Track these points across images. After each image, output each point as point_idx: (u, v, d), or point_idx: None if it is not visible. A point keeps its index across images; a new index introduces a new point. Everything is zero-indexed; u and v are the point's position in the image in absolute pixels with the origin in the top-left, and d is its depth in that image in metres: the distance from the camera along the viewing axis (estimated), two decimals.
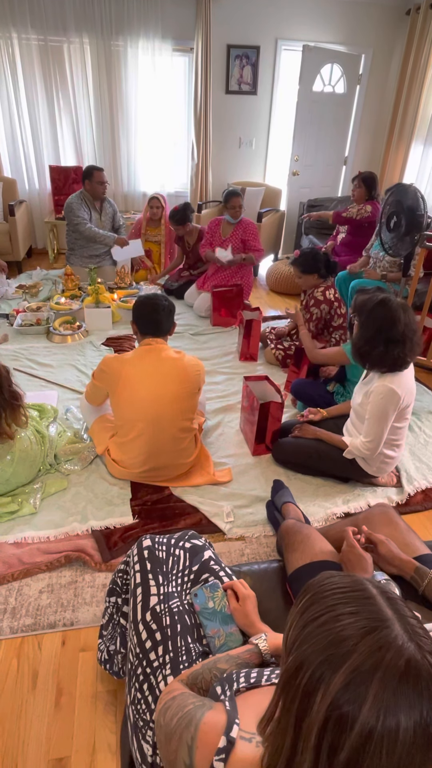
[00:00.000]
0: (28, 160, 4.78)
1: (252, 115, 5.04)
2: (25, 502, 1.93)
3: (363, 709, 0.47)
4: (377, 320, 1.78)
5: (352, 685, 0.48)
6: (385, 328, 1.77)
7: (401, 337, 1.76)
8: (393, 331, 1.76)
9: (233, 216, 3.69)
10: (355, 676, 0.48)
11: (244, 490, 2.09)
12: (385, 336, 1.77)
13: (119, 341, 3.35)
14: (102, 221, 4.06)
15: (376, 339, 1.78)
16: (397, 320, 1.76)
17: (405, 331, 1.77)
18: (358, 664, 0.49)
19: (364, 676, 0.48)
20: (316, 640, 0.52)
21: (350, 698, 0.48)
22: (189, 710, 0.72)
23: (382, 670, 0.48)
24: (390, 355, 1.78)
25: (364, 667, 0.48)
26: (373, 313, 1.80)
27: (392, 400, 1.81)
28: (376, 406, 1.83)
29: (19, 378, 2.77)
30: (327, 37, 4.82)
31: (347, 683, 0.48)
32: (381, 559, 1.25)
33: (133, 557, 1.17)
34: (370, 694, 0.47)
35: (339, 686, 0.48)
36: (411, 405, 1.91)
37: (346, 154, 5.36)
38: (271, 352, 3.14)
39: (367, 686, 0.47)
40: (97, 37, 4.40)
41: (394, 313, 1.76)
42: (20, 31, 4.28)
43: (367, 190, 3.73)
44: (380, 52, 5.00)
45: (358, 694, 0.47)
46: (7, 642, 1.48)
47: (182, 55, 4.78)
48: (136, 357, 1.96)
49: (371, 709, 0.47)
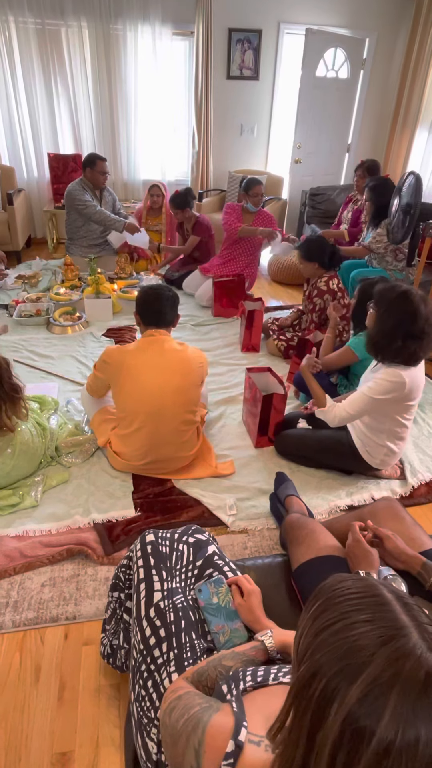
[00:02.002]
0: (26, 147, 4.70)
1: (254, 101, 4.96)
2: (27, 495, 1.92)
3: (381, 722, 0.45)
4: (398, 313, 1.69)
5: (370, 698, 0.46)
6: (406, 322, 1.68)
7: (420, 332, 1.68)
8: (414, 326, 1.68)
9: (255, 204, 3.55)
10: (372, 689, 0.46)
11: (246, 482, 2.07)
12: (405, 330, 1.68)
13: (120, 332, 3.32)
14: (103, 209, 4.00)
15: (395, 333, 1.70)
16: (419, 314, 1.67)
17: (425, 326, 1.68)
18: (375, 675, 0.47)
19: (382, 689, 0.46)
20: (330, 649, 0.50)
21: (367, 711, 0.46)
22: (196, 712, 0.70)
23: (401, 682, 0.46)
24: (406, 350, 1.70)
25: (381, 678, 0.46)
26: (394, 305, 1.70)
27: (396, 386, 1.74)
28: (378, 384, 1.76)
29: (19, 369, 2.75)
30: (330, 20, 4.72)
31: (364, 696, 0.46)
32: (387, 555, 1.24)
33: (136, 552, 1.15)
34: (389, 708, 0.45)
35: (355, 699, 0.46)
36: (417, 399, 1.86)
37: (349, 141, 5.28)
38: (274, 343, 3.11)
39: (386, 699, 0.45)
40: (95, 20, 4.31)
41: (417, 307, 1.67)
42: (17, 14, 4.18)
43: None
44: (385, 35, 4.89)
45: (376, 707, 0.45)
46: (9, 636, 1.47)
47: (182, 40, 4.68)
48: (139, 348, 1.93)
49: (390, 723, 0.44)
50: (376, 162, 3.74)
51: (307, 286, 2.95)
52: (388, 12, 4.80)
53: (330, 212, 4.57)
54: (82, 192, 3.82)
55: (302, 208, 4.89)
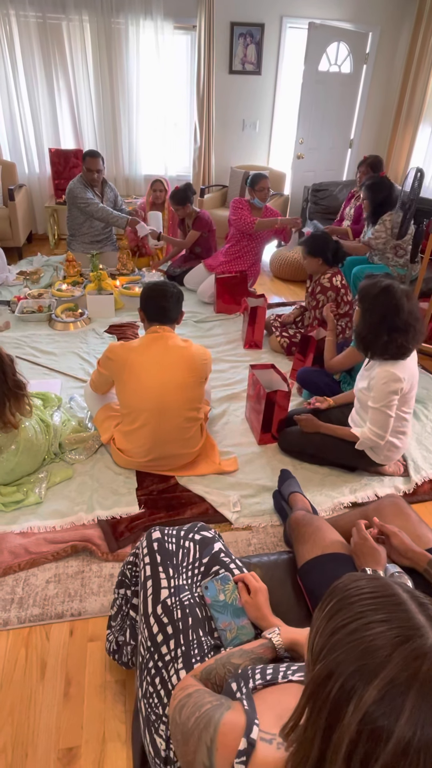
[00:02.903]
0: (27, 143, 4.68)
1: (256, 96, 4.93)
2: (31, 491, 1.92)
3: (399, 722, 0.45)
4: (381, 308, 1.75)
5: (387, 698, 0.46)
6: (389, 316, 1.74)
7: (405, 325, 1.74)
8: (397, 319, 1.73)
9: (262, 199, 3.49)
10: (390, 689, 0.46)
11: (250, 479, 2.07)
12: (389, 324, 1.74)
13: (122, 328, 3.31)
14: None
15: (380, 328, 1.75)
16: (401, 308, 1.73)
17: (408, 319, 1.74)
18: (392, 676, 0.47)
19: (400, 689, 0.46)
20: (346, 649, 0.50)
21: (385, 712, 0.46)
22: (207, 710, 0.70)
23: (418, 682, 0.46)
24: (393, 343, 1.76)
25: (399, 679, 0.46)
26: (377, 300, 1.77)
27: (395, 386, 1.79)
28: (379, 393, 1.81)
29: (22, 366, 2.74)
30: (333, 14, 4.68)
31: (381, 697, 0.46)
32: (393, 552, 1.24)
33: (143, 549, 1.15)
34: (407, 708, 0.45)
35: (373, 699, 0.46)
36: (414, 391, 1.90)
37: (352, 136, 5.25)
38: (276, 339, 3.10)
39: (404, 699, 0.45)
40: (97, 14, 4.27)
41: (399, 300, 1.73)
42: (18, 8, 4.15)
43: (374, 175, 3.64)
44: (388, 29, 4.86)
45: (394, 708, 0.45)
46: (14, 632, 1.48)
47: (184, 34, 4.65)
48: (143, 345, 1.92)
49: (408, 723, 0.45)
50: (379, 158, 3.71)
51: (310, 282, 2.95)
52: (391, 6, 4.76)
53: (332, 208, 4.55)
54: (84, 189, 3.80)
55: (304, 204, 4.87)
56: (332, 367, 2.43)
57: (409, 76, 4.74)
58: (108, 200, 4.02)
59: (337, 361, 2.39)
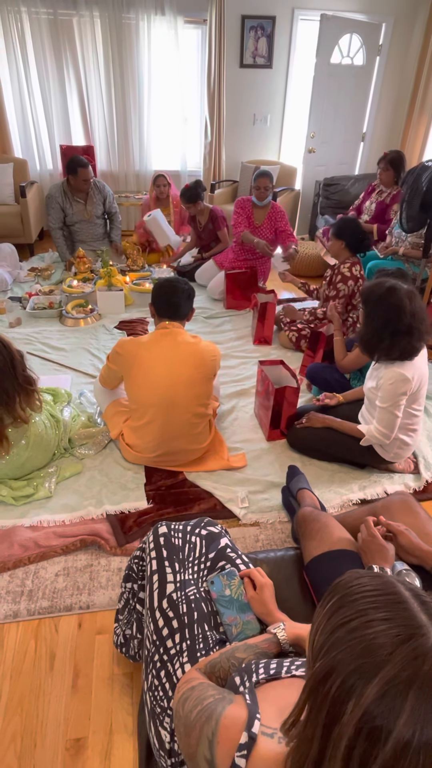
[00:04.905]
0: (39, 139, 4.71)
1: (267, 90, 4.89)
2: (41, 485, 1.94)
3: (398, 722, 0.44)
4: (383, 311, 1.73)
5: (387, 698, 0.46)
6: (392, 319, 1.71)
7: (408, 328, 1.71)
8: (400, 322, 1.71)
9: (258, 197, 3.45)
10: (389, 688, 0.46)
11: (258, 475, 2.07)
12: (392, 328, 1.72)
13: (132, 324, 3.32)
14: (88, 210, 3.91)
15: (382, 331, 1.73)
16: (403, 311, 1.70)
17: (412, 321, 1.71)
18: (393, 675, 0.46)
19: (400, 688, 0.45)
20: (347, 646, 0.49)
21: (384, 710, 0.45)
22: (209, 703, 0.71)
23: (419, 682, 0.45)
24: (397, 346, 1.74)
25: (399, 678, 0.46)
26: (379, 303, 1.74)
27: (403, 386, 1.77)
28: (387, 392, 1.79)
29: (33, 362, 2.77)
30: (346, 5, 4.62)
31: (381, 695, 0.46)
32: (401, 550, 1.23)
33: (149, 544, 1.16)
34: (407, 708, 0.45)
35: (372, 698, 0.46)
36: (424, 389, 1.88)
37: (365, 129, 5.19)
38: (285, 335, 3.09)
39: (403, 699, 0.45)
40: (108, 10, 4.27)
41: (400, 302, 1.70)
42: (30, 5, 4.17)
43: (395, 172, 3.52)
44: (402, 20, 4.78)
45: (393, 707, 0.45)
46: (24, 624, 1.50)
47: (195, 28, 4.62)
48: (152, 340, 1.93)
49: (407, 723, 0.44)
50: (400, 153, 3.57)
51: (330, 272, 2.90)
52: None
53: (344, 203, 4.50)
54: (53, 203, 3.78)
55: (315, 199, 4.83)
56: (344, 367, 2.41)
57: (424, 67, 4.67)
58: (94, 204, 3.93)
59: (350, 360, 2.37)
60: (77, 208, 3.87)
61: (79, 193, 3.84)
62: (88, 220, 3.94)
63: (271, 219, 3.52)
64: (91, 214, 3.94)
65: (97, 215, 3.98)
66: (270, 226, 3.54)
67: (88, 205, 3.90)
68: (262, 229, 3.55)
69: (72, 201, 3.84)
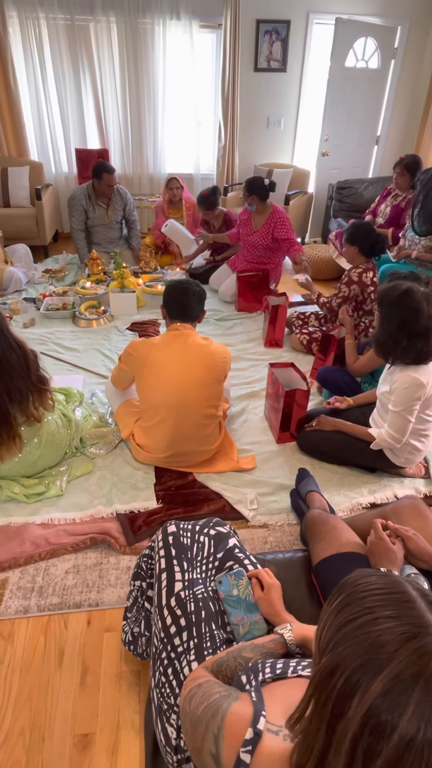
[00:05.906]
0: (55, 143, 4.77)
1: (281, 93, 4.90)
2: (52, 484, 1.96)
3: (403, 718, 0.45)
4: (400, 313, 1.72)
5: (392, 694, 0.46)
6: (409, 321, 1.70)
7: (425, 330, 1.70)
8: (417, 324, 1.70)
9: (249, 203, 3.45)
10: (394, 685, 0.46)
11: (268, 477, 2.07)
12: (409, 330, 1.71)
13: (144, 326, 3.35)
14: (109, 215, 3.96)
15: (399, 333, 1.72)
16: (421, 313, 1.69)
17: (429, 324, 1.70)
18: (398, 671, 0.47)
19: (405, 685, 0.46)
20: (353, 643, 0.50)
21: (389, 707, 0.46)
22: (215, 700, 0.71)
23: (424, 679, 0.46)
24: (413, 349, 1.72)
25: (404, 675, 0.46)
26: (396, 305, 1.73)
27: (417, 391, 1.75)
28: (400, 397, 1.78)
29: (46, 362, 2.79)
30: (361, 8, 4.61)
31: (386, 691, 0.46)
32: (410, 554, 1.22)
33: (158, 543, 1.17)
34: (411, 704, 0.45)
35: (377, 694, 0.47)
36: None
37: (378, 133, 5.17)
38: (297, 338, 3.09)
39: (408, 695, 0.46)
40: (124, 15, 4.32)
41: (418, 305, 1.69)
42: (47, 11, 4.24)
43: (411, 177, 3.49)
44: (417, 23, 4.76)
45: (398, 703, 0.46)
46: (34, 620, 1.52)
47: (210, 32, 4.66)
48: (164, 342, 1.95)
49: (411, 719, 0.45)
50: (417, 157, 3.54)
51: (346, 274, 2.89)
52: None
53: (357, 206, 4.49)
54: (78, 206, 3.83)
55: (329, 202, 4.82)
56: (356, 371, 2.40)
57: None
58: (115, 210, 3.98)
59: (361, 363, 2.36)
60: (99, 212, 3.92)
61: (103, 197, 3.89)
62: (107, 224, 3.99)
63: (269, 225, 3.47)
64: (111, 219, 3.99)
65: (116, 220, 4.04)
66: (267, 232, 3.48)
67: (109, 210, 3.95)
68: (259, 234, 3.51)
69: (95, 205, 3.89)
